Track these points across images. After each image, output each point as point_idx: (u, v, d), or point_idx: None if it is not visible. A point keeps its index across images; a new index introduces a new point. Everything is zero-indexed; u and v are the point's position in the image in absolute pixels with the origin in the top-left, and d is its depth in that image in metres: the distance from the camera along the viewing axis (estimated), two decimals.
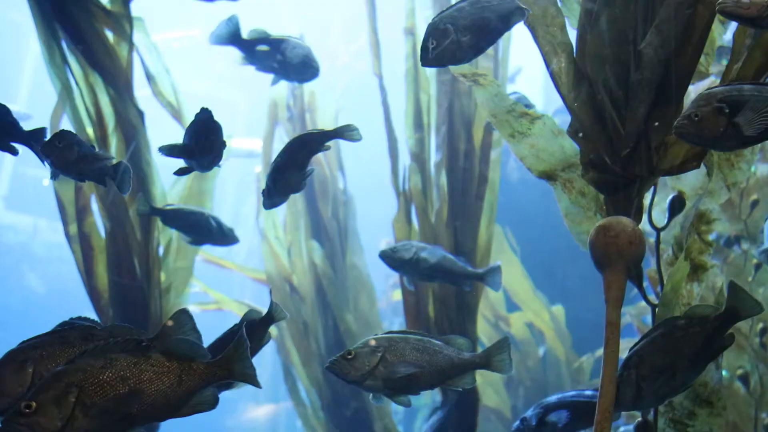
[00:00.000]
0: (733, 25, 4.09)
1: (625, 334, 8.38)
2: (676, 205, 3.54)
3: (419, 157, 5.89)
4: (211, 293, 7.41)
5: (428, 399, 10.80)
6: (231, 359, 2.64)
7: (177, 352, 2.58)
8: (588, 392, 4.15)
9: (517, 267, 8.68)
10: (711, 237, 3.78)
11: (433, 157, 5.94)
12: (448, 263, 4.82)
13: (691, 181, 3.59)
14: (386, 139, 6.04)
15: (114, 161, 3.58)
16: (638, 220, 3.07)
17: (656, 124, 3.00)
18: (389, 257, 4.77)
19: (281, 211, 7.38)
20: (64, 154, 3.36)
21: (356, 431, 6.74)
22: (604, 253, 2.92)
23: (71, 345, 2.67)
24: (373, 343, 3.04)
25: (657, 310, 3.34)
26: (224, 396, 3.38)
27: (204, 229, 5.33)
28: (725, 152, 3.43)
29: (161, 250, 5.77)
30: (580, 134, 3.16)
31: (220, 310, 7.34)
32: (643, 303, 7.22)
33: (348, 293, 7.26)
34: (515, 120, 3.43)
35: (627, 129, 3.08)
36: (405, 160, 6.02)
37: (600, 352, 8.67)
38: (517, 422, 4.23)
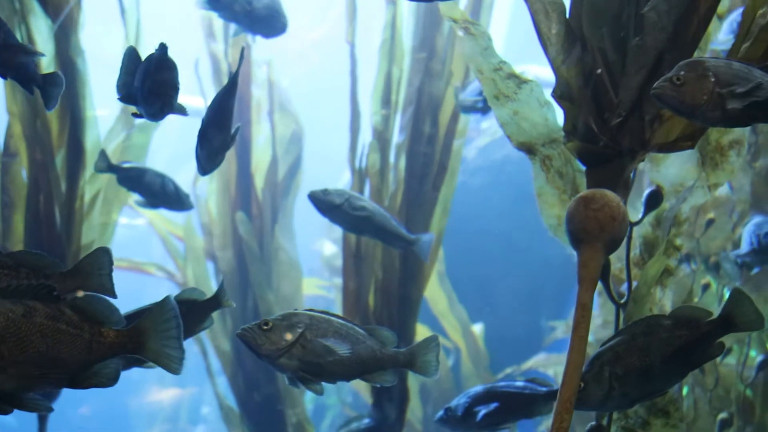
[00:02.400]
0: (730, 21, 3.80)
1: (553, 349, 8.12)
2: (654, 200, 3.21)
3: (382, 136, 5.52)
4: (156, 220, 6.76)
5: (336, 399, 10.35)
6: (146, 331, 2.21)
7: (89, 311, 2.17)
8: (519, 383, 3.80)
9: (434, 276, 8.25)
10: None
11: (396, 137, 5.59)
12: (380, 218, 4.43)
13: (671, 175, 3.27)
14: (349, 113, 5.64)
15: (43, 64, 3.06)
16: (623, 196, 2.71)
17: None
18: (319, 200, 4.33)
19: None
20: None
21: (266, 419, 6.24)
22: (582, 228, 2.53)
23: None
24: (294, 317, 2.64)
25: (627, 306, 3.00)
26: (129, 375, 2.93)
27: (160, 192, 4.91)
28: (709, 150, 3.13)
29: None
30: (566, 98, 2.79)
31: (139, 272, 6.73)
32: (569, 323, 6.96)
33: (272, 274, 6.79)
34: (501, 80, 3.04)
35: (620, 96, 2.72)
36: (365, 139, 5.65)
37: (528, 365, 8.38)
38: (441, 412, 3.88)
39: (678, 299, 4.63)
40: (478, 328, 8.69)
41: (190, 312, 2.95)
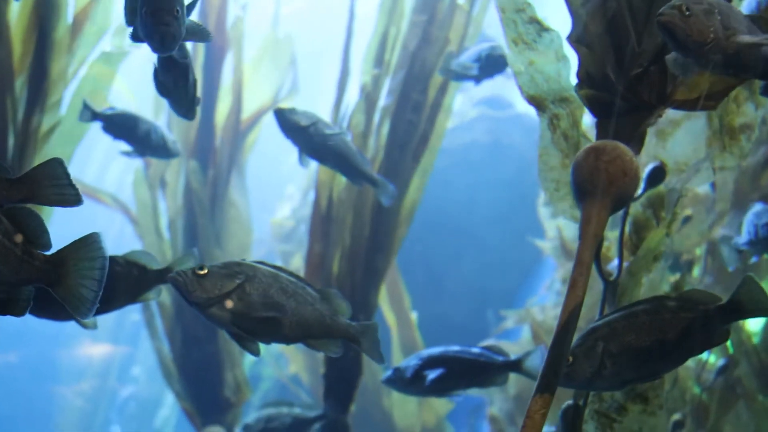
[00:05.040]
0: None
1: (502, 338, 7.88)
2: (656, 176, 2.94)
3: (370, 97, 5.14)
4: None
5: (273, 370, 9.96)
6: (67, 265, 1.93)
7: (23, 226, 1.89)
8: (475, 350, 3.56)
9: None
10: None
11: (382, 101, 5.23)
12: (346, 150, 4.07)
13: (677, 153, 3.01)
14: (340, 69, 5.27)
15: None
16: (636, 152, 2.42)
17: None
18: (284, 118, 3.94)
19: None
20: None
21: (204, 377, 5.84)
22: (589, 180, 2.22)
23: None
24: (235, 266, 2.32)
25: (622, 281, 2.73)
26: (59, 328, 2.56)
27: (147, 140, 4.55)
28: (727, 121, 2.88)
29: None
30: (583, 44, 2.49)
31: (92, 198, 6.22)
32: (530, 309, 6.73)
33: (221, 230, 6.40)
34: (523, 24, 2.71)
35: (643, 46, 2.43)
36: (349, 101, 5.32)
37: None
38: (390, 372, 3.58)
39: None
40: (413, 316, 8.42)
41: (141, 277, 2.73)
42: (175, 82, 2.89)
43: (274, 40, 6.49)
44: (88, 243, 1.94)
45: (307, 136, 3.95)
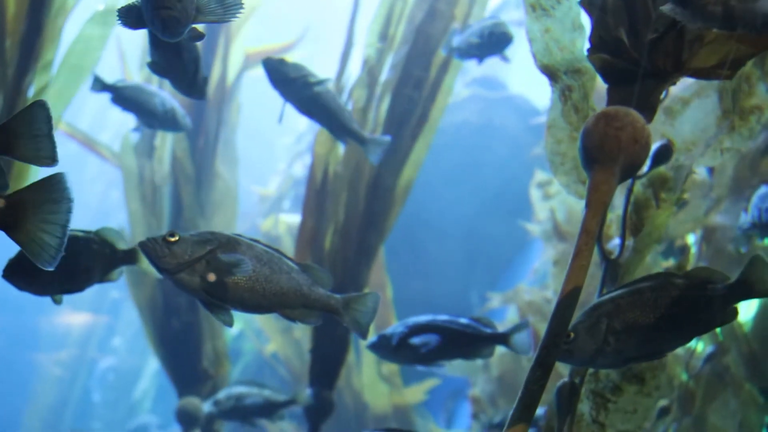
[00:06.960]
0: None
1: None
2: (663, 154, 2.83)
3: (372, 72, 4.99)
4: None
5: (253, 346, 9.85)
6: (25, 207, 1.75)
7: None
8: (463, 320, 3.44)
9: None
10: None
11: (384, 75, 5.08)
12: (335, 107, 3.90)
13: (685, 131, 2.90)
14: (344, 40, 5.11)
15: None
16: (648, 120, 2.31)
17: None
18: (273, 69, 3.76)
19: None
20: None
21: (183, 348, 5.71)
22: (599, 146, 2.10)
23: None
24: (209, 234, 2.30)
25: (628, 258, 2.64)
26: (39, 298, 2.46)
27: (157, 113, 4.42)
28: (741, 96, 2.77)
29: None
30: (597, 7, 2.37)
31: (90, 149, 6.03)
32: (519, 288, 6.64)
33: (206, 201, 6.24)
34: None
35: (660, 10, 2.32)
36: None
37: None
38: (375, 338, 3.47)
39: None
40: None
41: (112, 255, 2.63)
42: (168, 61, 2.75)
43: None
44: (52, 184, 1.75)
45: (294, 89, 3.80)
